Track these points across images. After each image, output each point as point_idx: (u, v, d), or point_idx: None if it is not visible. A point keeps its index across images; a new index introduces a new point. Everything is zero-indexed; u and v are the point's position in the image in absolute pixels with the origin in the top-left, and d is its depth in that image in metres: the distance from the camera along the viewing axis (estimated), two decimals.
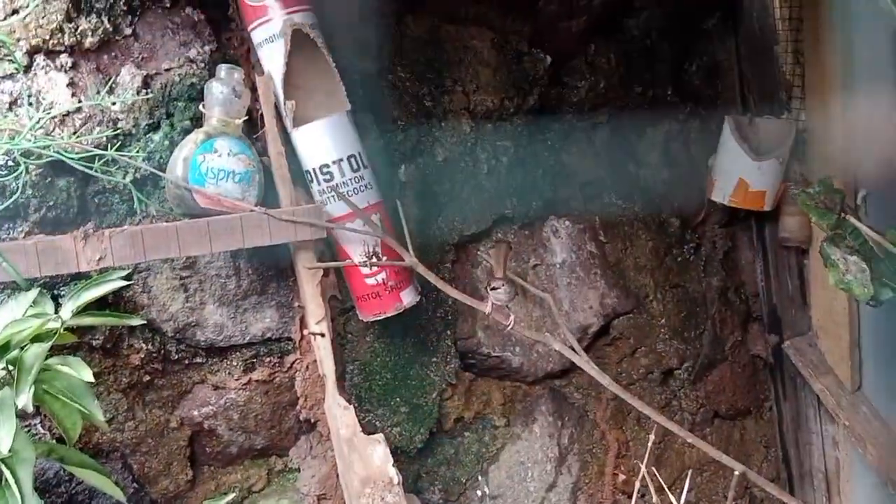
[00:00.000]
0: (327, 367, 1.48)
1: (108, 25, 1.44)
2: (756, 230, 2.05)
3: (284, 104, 1.46)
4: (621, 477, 1.90)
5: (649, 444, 1.69)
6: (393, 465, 1.40)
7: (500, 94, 1.76)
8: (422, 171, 1.69)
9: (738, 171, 1.86)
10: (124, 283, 1.31)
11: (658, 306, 1.98)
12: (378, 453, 1.41)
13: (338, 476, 1.51)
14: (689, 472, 1.74)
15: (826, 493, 2.08)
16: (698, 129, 2.03)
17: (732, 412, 2.07)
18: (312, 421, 1.59)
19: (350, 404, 1.47)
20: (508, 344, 1.83)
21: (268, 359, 1.56)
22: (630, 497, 1.96)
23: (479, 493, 1.76)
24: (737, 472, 1.61)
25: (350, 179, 1.47)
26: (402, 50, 1.68)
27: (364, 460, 1.40)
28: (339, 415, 1.45)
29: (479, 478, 1.77)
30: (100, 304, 1.37)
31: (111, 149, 1.41)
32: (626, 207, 1.96)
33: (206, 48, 1.51)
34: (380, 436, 1.44)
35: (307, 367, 1.56)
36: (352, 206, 1.42)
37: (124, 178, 1.42)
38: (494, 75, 1.76)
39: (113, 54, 1.46)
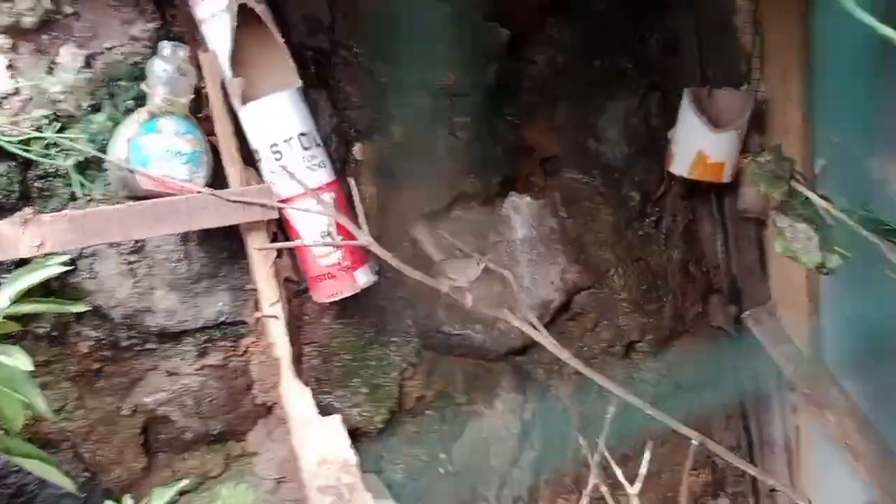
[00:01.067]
0: (282, 350, 1.47)
1: (47, 4, 1.38)
2: (715, 202, 2.05)
3: (231, 81, 1.42)
4: (584, 451, 1.91)
5: (608, 417, 1.70)
6: (350, 446, 1.39)
7: (456, 69, 1.73)
8: (378, 148, 1.66)
9: (696, 144, 1.86)
10: (63, 268, 1.28)
11: (619, 280, 1.98)
12: (335, 434, 1.40)
13: (296, 459, 1.50)
14: (650, 443, 1.75)
15: (787, 460, 2.11)
16: (658, 102, 2.02)
17: (694, 383, 2.09)
18: (269, 405, 1.57)
19: (306, 386, 1.45)
20: (469, 322, 1.82)
21: (222, 343, 1.54)
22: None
23: (441, 470, 1.76)
24: (694, 442, 1.63)
25: (301, 158, 1.44)
26: (355, 25, 1.64)
27: (320, 442, 1.39)
28: (295, 397, 1.44)
29: (442, 455, 1.77)
30: (45, 292, 1.33)
31: (51, 131, 1.37)
32: (586, 182, 1.95)
33: (150, 25, 1.46)
34: (336, 417, 1.43)
35: (262, 350, 1.54)
36: (302, 185, 1.39)
37: (65, 161, 1.38)
38: (451, 50, 1.73)
39: (53, 34, 1.41)
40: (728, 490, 2.15)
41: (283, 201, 1.44)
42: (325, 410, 1.59)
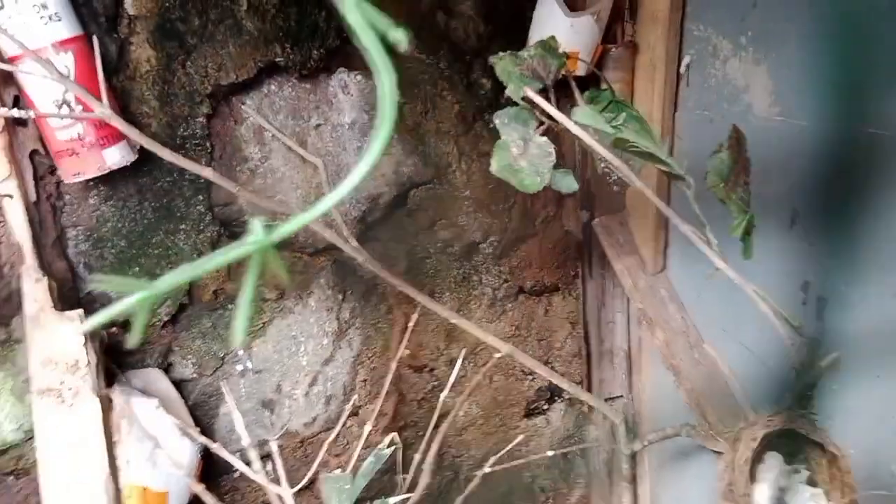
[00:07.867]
0: (20, 234, 1.28)
1: None
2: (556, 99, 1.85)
3: None
4: (407, 352, 1.82)
5: (410, 324, 1.59)
6: (84, 345, 1.25)
7: None
8: (159, 3, 1.40)
9: (550, 28, 1.63)
10: None
11: (462, 177, 1.81)
12: (69, 332, 1.25)
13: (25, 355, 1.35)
14: (463, 352, 1.66)
15: (627, 370, 2.07)
16: None
17: (539, 288, 1.98)
18: None
19: (43, 276, 1.28)
20: (280, 212, 1.64)
21: None
22: (417, 371, 1.90)
23: (240, 367, 1.65)
24: (497, 355, 1.54)
25: (31, 7, 1.18)
26: None
27: (51, 338, 1.25)
28: (30, 287, 1.27)
29: (241, 352, 1.65)
30: None
31: None
32: (430, 63, 1.72)
33: None
34: (76, 313, 1.27)
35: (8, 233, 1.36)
36: (18, 44, 1.15)
37: None
38: None
39: None
40: (564, 396, 2.11)
41: (11, 60, 1.20)
42: (96, 300, 1.45)
